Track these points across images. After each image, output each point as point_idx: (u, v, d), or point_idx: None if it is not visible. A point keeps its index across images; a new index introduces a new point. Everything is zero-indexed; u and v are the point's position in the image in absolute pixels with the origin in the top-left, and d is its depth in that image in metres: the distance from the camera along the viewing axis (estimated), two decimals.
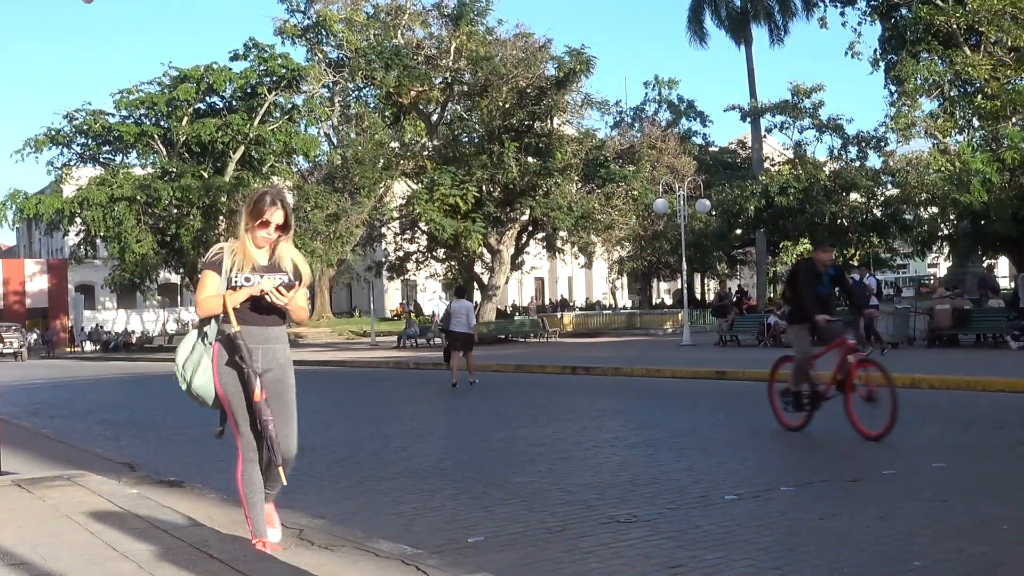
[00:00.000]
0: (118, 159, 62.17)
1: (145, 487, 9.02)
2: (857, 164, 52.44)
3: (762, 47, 79.48)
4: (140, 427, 16.14)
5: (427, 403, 19.48)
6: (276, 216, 5.78)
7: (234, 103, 61.20)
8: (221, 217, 57.27)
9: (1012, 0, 30.43)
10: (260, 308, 5.76)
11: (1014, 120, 32.66)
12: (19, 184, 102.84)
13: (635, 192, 44.86)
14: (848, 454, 10.28)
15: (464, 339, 21.80)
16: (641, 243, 57.40)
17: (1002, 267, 62.96)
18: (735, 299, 43.72)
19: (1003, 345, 24.80)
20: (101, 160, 62.32)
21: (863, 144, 55.87)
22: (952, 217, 38.81)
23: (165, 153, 59.83)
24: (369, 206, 46.62)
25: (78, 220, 57.46)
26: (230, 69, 59.91)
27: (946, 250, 45.77)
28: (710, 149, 69.92)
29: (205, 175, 58.59)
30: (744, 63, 59.45)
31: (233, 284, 5.73)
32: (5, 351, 57.43)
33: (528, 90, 43.94)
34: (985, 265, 43.87)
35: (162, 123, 60.12)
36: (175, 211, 56.93)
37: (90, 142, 61.16)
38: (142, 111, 60.09)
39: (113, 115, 60.07)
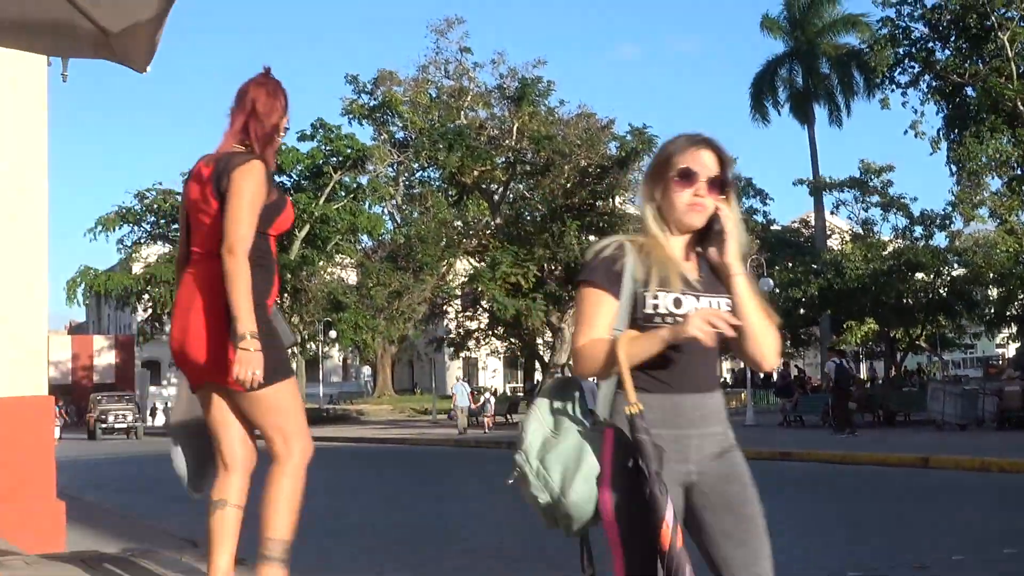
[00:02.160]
0: None
1: (204, 564, 9.05)
2: (922, 243, 51.99)
3: (823, 125, 79.42)
4: (202, 503, 16.20)
5: (486, 483, 19.40)
6: (706, 162, 3.13)
7: (301, 182, 62.09)
8: (286, 295, 57.88)
9: None
10: (685, 358, 3.07)
11: None
12: (90, 261, 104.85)
13: None
14: (917, 539, 10.07)
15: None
16: None
17: None
18: (797, 379, 43.24)
19: None
20: (170, 238, 63.40)
21: (928, 223, 55.43)
22: (1021, 296, 38.28)
23: None
24: (431, 283, 46.91)
25: (145, 297, 58.32)
26: (297, 149, 60.87)
27: (1014, 329, 45.07)
28: (771, 227, 69.65)
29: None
30: (807, 141, 59.50)
31: (647, 313, 3.07)
32: (117, 425, 49.53)
33: (590, 169, 44.20)
34: None
35: None
36: None
37: (160, 220, 62.24)
38: None
39: (182, 194, 61.23)
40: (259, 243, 4.05)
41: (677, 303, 3.07)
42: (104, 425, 48.72)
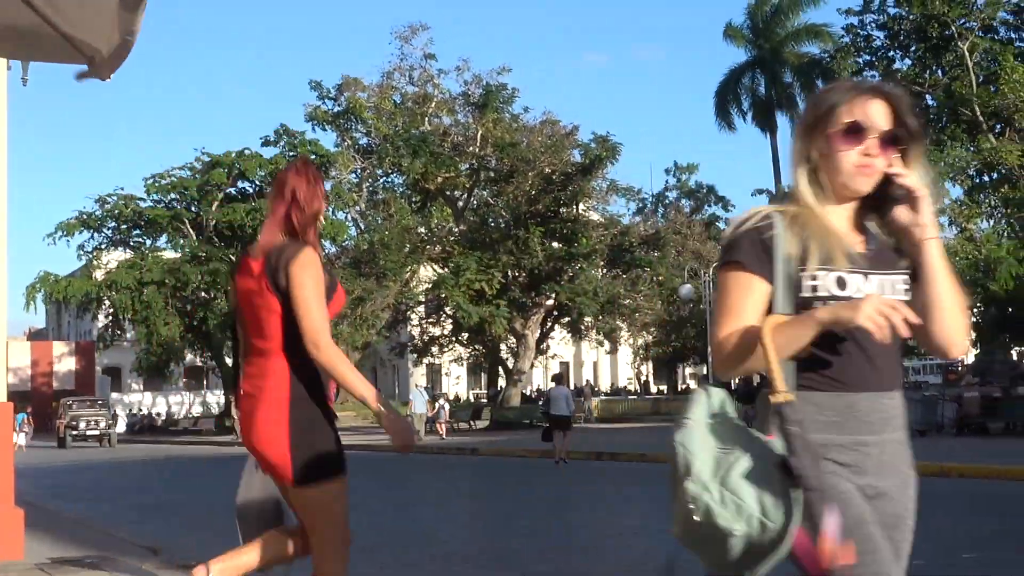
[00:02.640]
0: (148, 243, 62.67)
1: (168, 572, 8.99)
2: None
3: (786, 134, 79.85)
4: (164, 510, 16.12)
5: (452, 486, 19.38)
6: (877, 114, 2.70)
7: (264, 188, 61.72)
8: None
9: None
10: (859, 349, 2.63)
11: None
12: (50, 267, 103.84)
13: (660, 277, 44.95)
14: None
15: (562, 421, 23.28)
16: (666, 328, 57.33)
17: None
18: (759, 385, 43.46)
19: None
20: (131, 244, 62.84)
21: None
22: (979, 304, 38.65)
23: (195, 237, 60.32)
24: (395, 290, 46.82)
25: (106, 303, 57.81)
26: (261, 155, 60.54)
27: (973, 337, 45.50)
28: None
29: (234, 259, 58.92)
30: (769, 149, 60.02)
31: (805, 297, 2.59)
32: (89, 432, 46.60)
33: (554, 176, 44.28)
34: (1013, 352, 43.58)
35: (192, 207, 60.64)
36: (203, 295, 57.22)
37: (121, 226, 61.70)
38: (173, 195, 60.71)
39: (144, 199, 60.75)
40: None
41: (841, 283, 2.56)
42: (75, 432, 46.13)
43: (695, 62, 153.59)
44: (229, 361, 60.53)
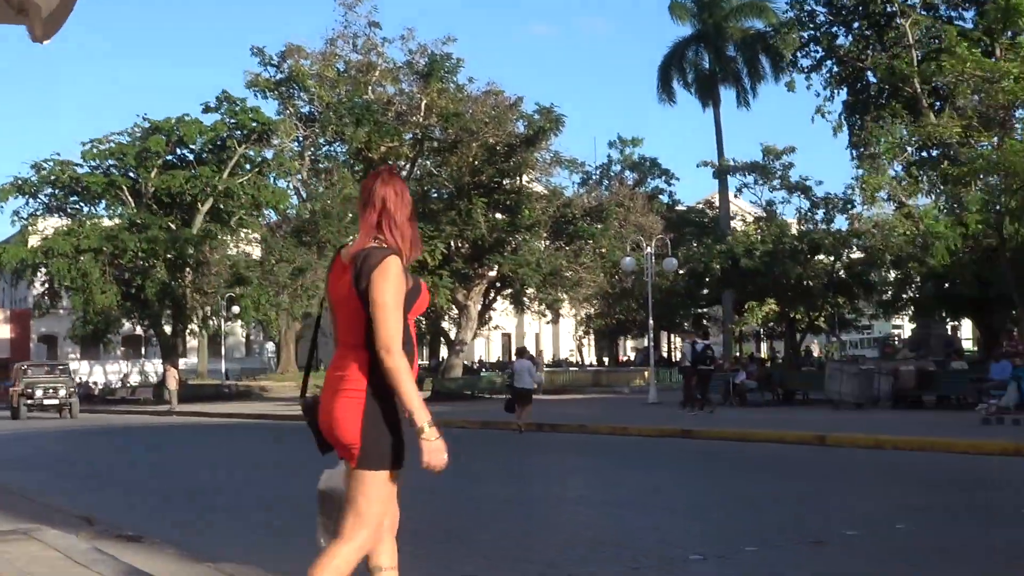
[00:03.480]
0: (85, 210, 61.79)
1: (103, 541, 8.87)
2: (824, 226, 52.93)
3: (731, 108, 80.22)
4: (100, 480, 15.93)
5: None
6: None
7: (204, 155, 61.06)
8: (188, 269, 56.94)
9: (978, 62, 30.87)
10: None
11: (977, 185, 33.06)
12: None
13: (603, 250, 45.04)
14: (813, 515, 10.26)
15: (525, 394, 24.29)
16: (608, 300, 57.56)
17: (965, 329, 63.49)
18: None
19: (967, 406, 24.93)
20: (68, 210, 61.94)
21: (830, 207, 56.46)
22: (916, 279, 39.18)
23: (133, 204, 59.53)
24: None
25: (42, 270, 56.99)
26: (201, 122, 59.84)
27: (910, 312, 46.15)
28: (677, 208, 70.36)
29: (173, 227, 58.28)
30: (712, 123, 60.14)
31: None
32: (47, 401, 42.54)
33: (498, 147, 44.14)
34: (948, 327, 44.26)
35: (131, 174, 59.86)
36: (141, 263, 56.57)
37: (57, 192, 60.79)
38: (111, 161, 59.90)
39: (81, 165, 59.85)
40: None
41: None
42: (30, 401, 42.12)
43: (641, 35, 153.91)
44: (168, 329, 59.99)
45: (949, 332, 42.89)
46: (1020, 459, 14.70)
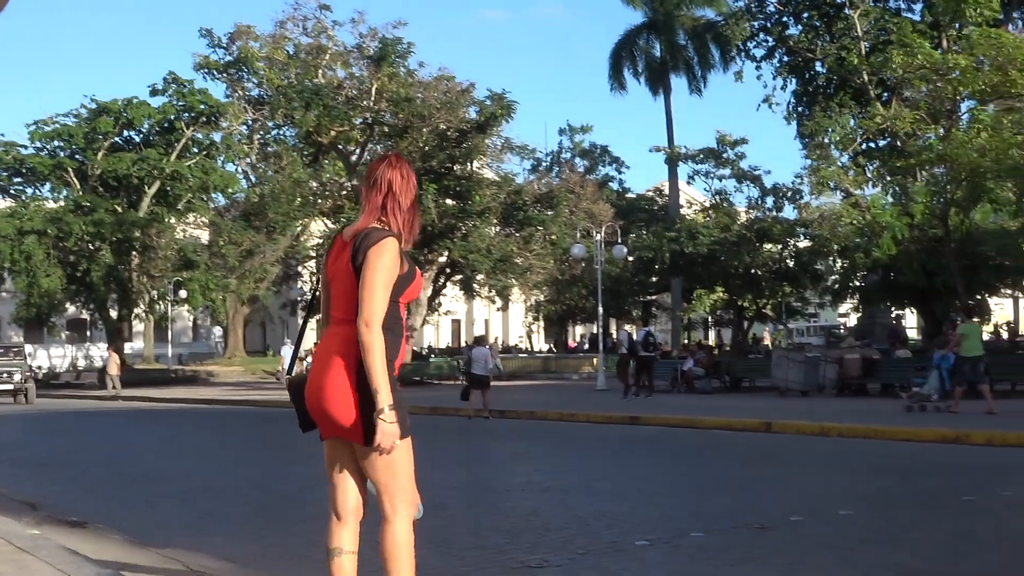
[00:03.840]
0: (30, 191, 61.04)
1: (47, 527, 8.80)
2: (774, 215, 53.30)
3: (682, 97, 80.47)
4: (44, 466, 15.76)
5: None
6: None
7: (151, 138, 60.49)
8: (134, 252, 56.36)
9: (932, 58, 31.19)
10: None
11: (923, 176, 33.46)
12: None
13: (553, 236, 45.10)
14: (758, 501, 10.37)
15: (482, 380, 24.36)
16: (558, 287, 57.66)
17: (910, 318, 64.20)
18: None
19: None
20: (11, 192, 61.14)
21: (780, 196, 56.81)
22: (862, 269, 39.56)
23: (79, 186, 58.84)
24: (284, 244, 46.25)
25: None
26: (149, 104, 59.24)
27: (856, 301, 46.62)
28: (627, 195, 70.60)
29: (119, 210, 57.65)
30: (663, 111, 60.33)
31: None
32: (2, 387, 38.64)
33: (449, 133, 44.03)
34: (893, 316, 44.76)
35: (77, 156, 59.18)
36: (87, 246, 55.94)
37: (1, 173, 59.99)
38: (57, 143, 59.17)
39: (26, 147, 59.07)
40: (390, 310, 4.38)
41: None
42: None
43: (594, 21, 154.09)
44: (114, 314, 59.39)
45: (894, 321, 43.33)
46: (959, 446, 14.94)
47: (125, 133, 61.13)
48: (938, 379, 21.33)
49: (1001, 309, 69.24)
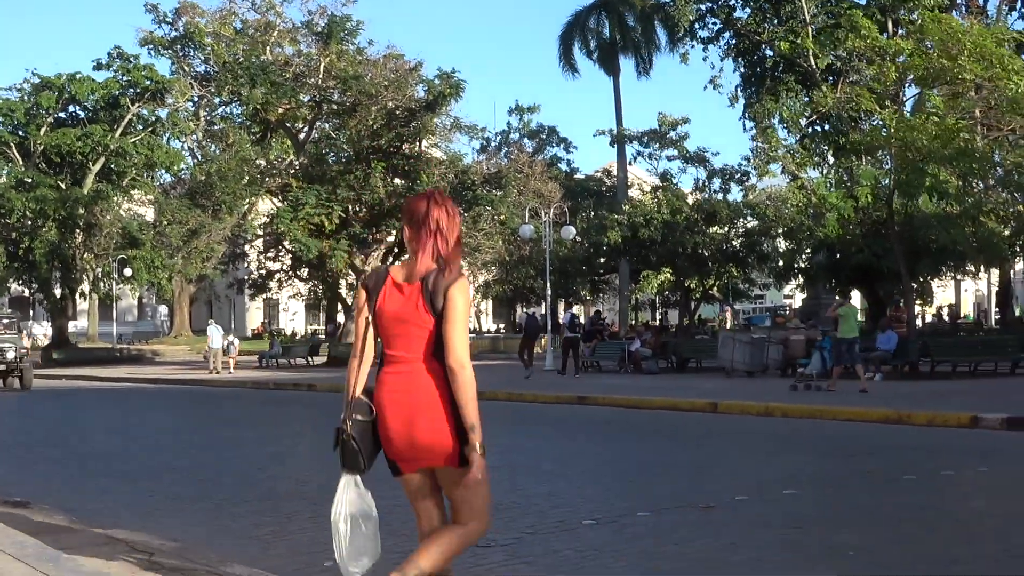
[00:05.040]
0: None
1: None
2: (720, 196, 53.67)
3: (631, 78, 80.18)
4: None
5: (288, 425, 19.24)
6: None
7: (96, 114, 59.66)
8: (78, 230, 55.66)
9: (879, 42, 31.42)
10: None
11: (868, 159, 33.74)
12: None
13: (501, 217, 45.07)
14: (704, 481, 10.47)
15: None
16: (507, 267, 57.71)
17: (855, 300, 64.94)
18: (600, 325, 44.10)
19: (854, 376, 25.57)
20: None
21: (726, 177, 57.22)
22: (808, 250, 39.91)
23: (21, 162, 57.97)
24: (231, 223, 45.86)
25: None
26: (93, 79, 58.45)
27: (801, 281, 47.04)
28: (575, 176, 70.74)
29: (62, 186, 56.89)
30: (611, 92, 60.40)
31: None
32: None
33: (397, 111, 43.82)
34: (838, 297, 45.20)
35: (19, 131, 58.28)
36: (29, 223, 55.16)
37: None
38: None
39: None
40: None
41: None
42: None
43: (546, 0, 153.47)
44: (57, 292, 58.65)
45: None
46: (901, 426, 15.14)
47: (70, 109, 60.28)
48: (819, 360, 22.14)
49: (943, 291, 70.29)
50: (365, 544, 4.73)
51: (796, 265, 42.72)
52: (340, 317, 51.73)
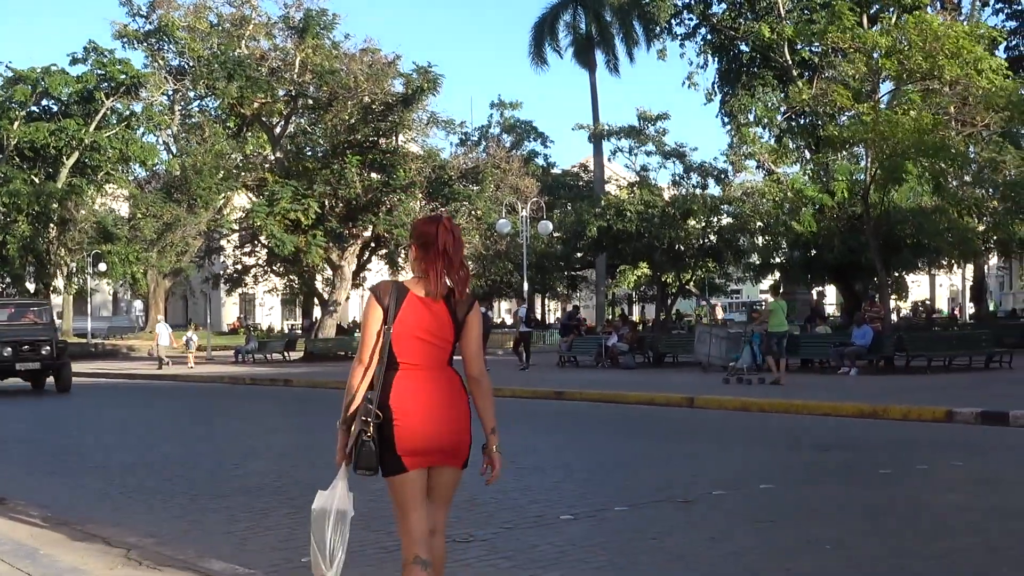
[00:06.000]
0: None
1: None
2: (698, 191, 53.73)
3: (607, 73, 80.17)
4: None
5: (263, 421, 19.19)
6: None
7: (70, 107, 59.32)
8: (52, 225, 55.34)
9: (856, 35, 31.51)
10: None
11: (843, 155, 33.88)
12: None
13: (478, 212, 45.05)
14: (682, 475, 10.48)
15: None
16: (484, 262, 57.70)
17: (830, 295, 65.21)
18: (576, 320, 44.15)
19: (829, 370, 25.70)
20: None
21: (704, 173, 57.27)
22: (784, 245, 40.05)
23: None
24: (207, 217, 45.69)
25: None
26: (67, 73, 58.13)
27: (777, 276, 47.23)
28: (552, 171, 70.76)
29: (36, 181, 56.58)
30: (588, 87, 60.30)
31: None
32: (21, 366, 26.47)
33: (374, 106, 43.72)
34: (814, 292, 45.39)
35: None
36: (2, 217, 54.83)
37: None
38: None
39: None
40: None
41: None
42: None
43: None
44: (31, 287, 58.30)
45: (815, 297, 43.95)
46: (876, 420, 15.22)
47: (43, 102, 59.94)
48: (750, 353, 22.75)
49: (918, 287, 70.69)
50: (342, 541, 4.77)
51: (772, 260, 42.86)
52: (316, 312, 51.57)
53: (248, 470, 11.47)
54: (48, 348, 26.64)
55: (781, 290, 26.34)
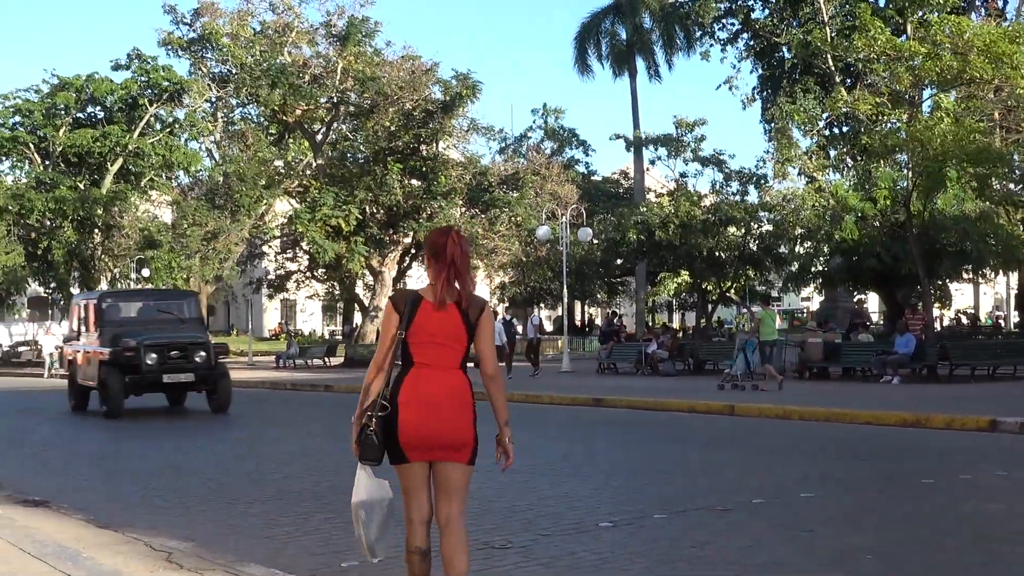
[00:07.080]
0: None
1: (8, 507, 8.75)
2: (738, 198, 53.48)
3: (647, 79, 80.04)
4: (4, 444, 15.65)
5: (303, 425, 19.27)
6: None
7: (114, 114, 59.84)
8: (96, 231, 55.87)
9: (893, 45, 31.31)
10: None
11: (886, 163, 33.62)
12: None
13: (519, 218, 45.04)
14: (721, 483, 10.43)
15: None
16: (523, 269, 57.67)
17: (872, 302, 64.68)
18: (616, 327, 44.04)
19: (872, 379, 25.47)
20: None
21: (744, 180, 57.00)
22: (825, 252, 39.78)
23: (40, 162, 58.24)
24: (249, 224, 45.96)
25: None
26: (111, 80, 58.65)
27: (819, 284, 46.91)
28: (592, 178, 70.58)
29: (81, 187, 57.11)
30: (628, 94, 60.18)
31: None
32: (169, 378, 20.84)
33: (415, 113, 43.86)
34: (856, 300, 45.05)
35: (38, 132, 58.52)
36: (48, 223, 55.40)
37: None
38: (16, 118, 58.48)
39: None
40: None
41: None
42: (131, 377, 20.66)
43: (563, 1, 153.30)
44: (75, 292, 58.85)
45: (856, 305, 43.58)
46: (919, 430, 15.08)
47: (88, 109, 60.52)
48: (743, 361, 23.08)
49: (961, 295, 69.95)
50: (383, 526, 5.14)
51: (813, 268, 42.59)
52: (357, 318, 51.76)
53: (286, 474, 11.53)
54: (203, 354, 21.07)
55: (770, 301, 27.39)
